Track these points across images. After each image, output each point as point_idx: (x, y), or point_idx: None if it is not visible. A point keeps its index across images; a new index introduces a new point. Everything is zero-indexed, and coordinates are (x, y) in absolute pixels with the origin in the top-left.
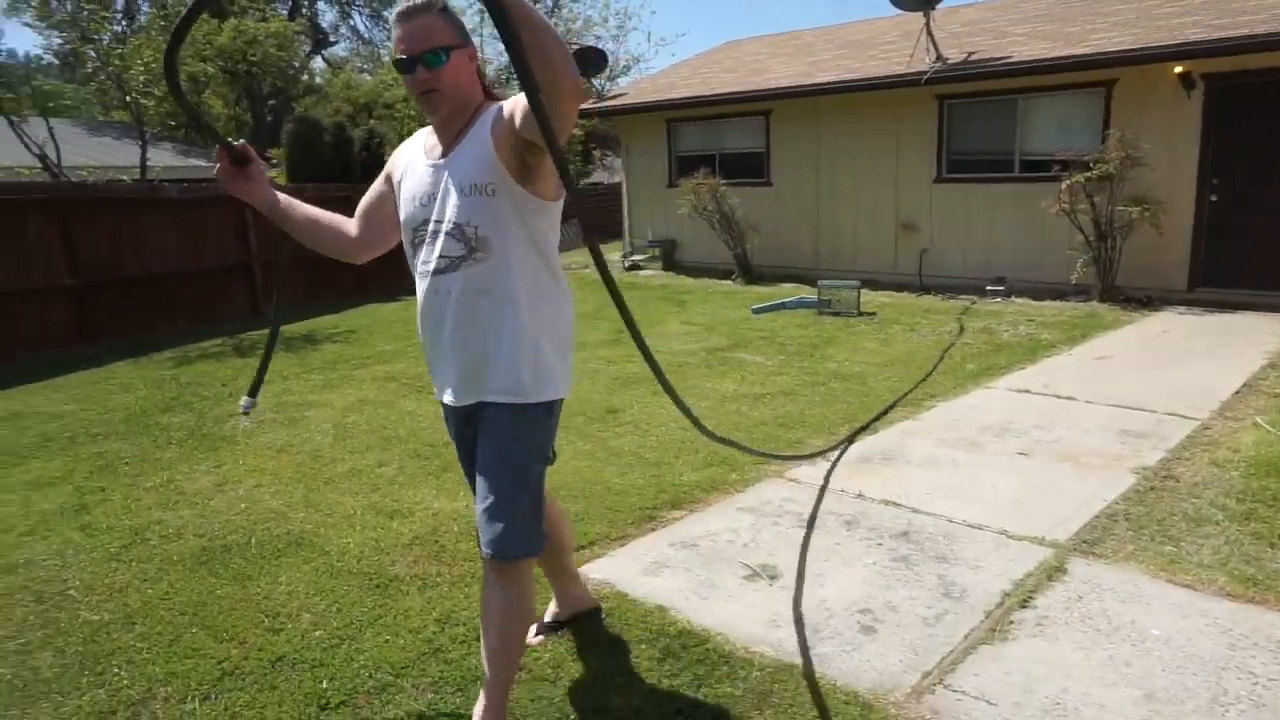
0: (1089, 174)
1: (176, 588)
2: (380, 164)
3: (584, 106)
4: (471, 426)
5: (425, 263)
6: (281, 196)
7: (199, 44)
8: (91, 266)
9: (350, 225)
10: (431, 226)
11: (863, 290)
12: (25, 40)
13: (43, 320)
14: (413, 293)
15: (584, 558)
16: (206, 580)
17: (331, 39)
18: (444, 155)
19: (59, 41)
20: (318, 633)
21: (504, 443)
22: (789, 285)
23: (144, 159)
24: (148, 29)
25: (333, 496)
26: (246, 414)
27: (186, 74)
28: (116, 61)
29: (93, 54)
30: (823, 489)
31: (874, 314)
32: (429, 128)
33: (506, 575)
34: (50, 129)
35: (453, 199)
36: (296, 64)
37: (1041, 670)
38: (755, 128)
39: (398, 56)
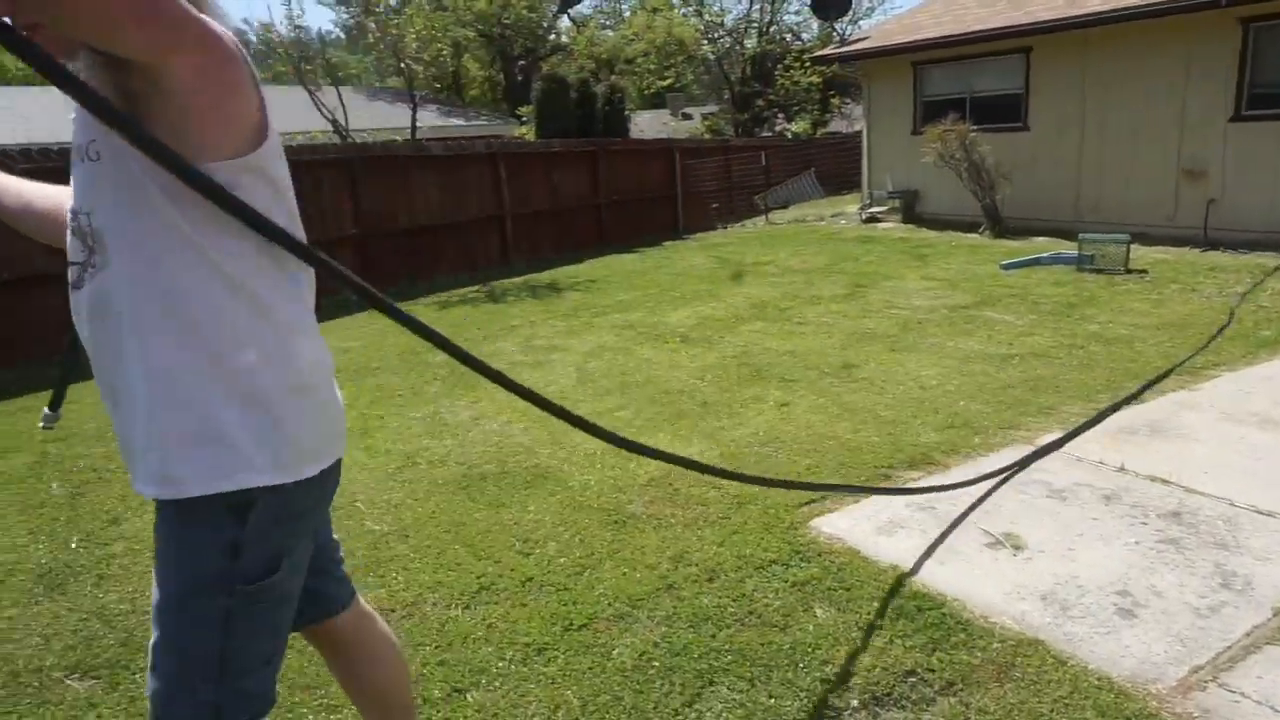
0: None
1: (441, 508)
2: (621, 119)
3: (823, 52)
4: None
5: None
6: None
7: (460, 10)
8: (370, 219)
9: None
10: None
11: (1132, 245)
12: (319, 17)
13: None
14: (651, 244)
15: (816, 511)
16: (466, 504)
17: None
18: None
19: (346, 16)
20: (562, 560)
21: (159, 559)
22: (1043, 239)
23: (414, 120)
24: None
25: (575, 436)
26: (48, 428)
27: (450, 40)
28: (393, 31)
29: (373, 25)
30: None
31: (1145, 272)
32: None
33: None
34: (340, 96)
35: (73, 175)
36: (545, 24)
37: None
38: (1012, 67)
39: None
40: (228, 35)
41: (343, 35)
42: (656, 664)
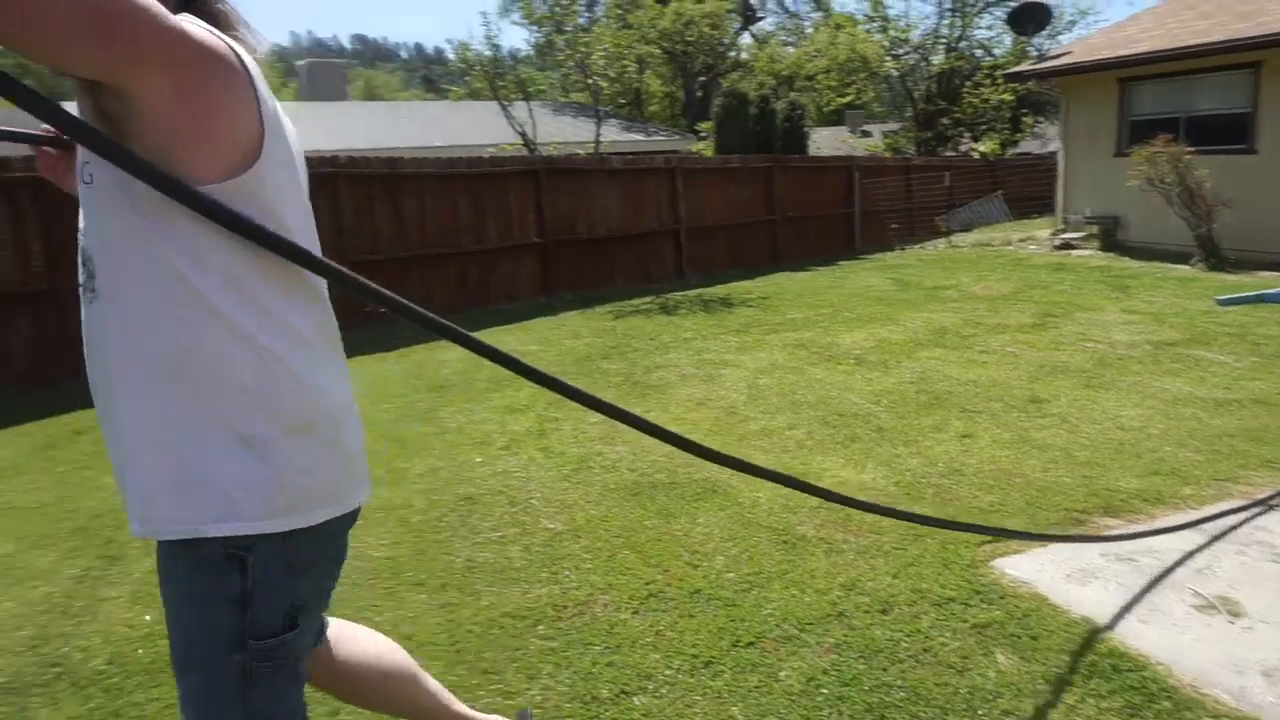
0: None
1: (613, 512)
2: (800, 136)
3: (1018, 69)
4: None
5: None
6: None
7: (645, 28)
8: (553, 228)
9: None
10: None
11: None
12: (512, 37)
13: (517, 272)
14: (825, 263)
15: (999, 550)
16: (636, 511)
17: (758, 14)
18: None
19: (537, 34)
20: (730, 575)
21: (165, 596)
22: (1269, 274)
23: (598, 134)
24: (608, 14)
25: (745, 452)
26: None
27: (634, 56)
28: (582, 48)
29: (562, 42)
30: None
31: None
32: None
33: None
34: (529, 111)
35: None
36: (726, 41)
37: None
38: (1237, 84)
39: None
40: (217, 43)
41: (531, 53)
42: (825, 691)
